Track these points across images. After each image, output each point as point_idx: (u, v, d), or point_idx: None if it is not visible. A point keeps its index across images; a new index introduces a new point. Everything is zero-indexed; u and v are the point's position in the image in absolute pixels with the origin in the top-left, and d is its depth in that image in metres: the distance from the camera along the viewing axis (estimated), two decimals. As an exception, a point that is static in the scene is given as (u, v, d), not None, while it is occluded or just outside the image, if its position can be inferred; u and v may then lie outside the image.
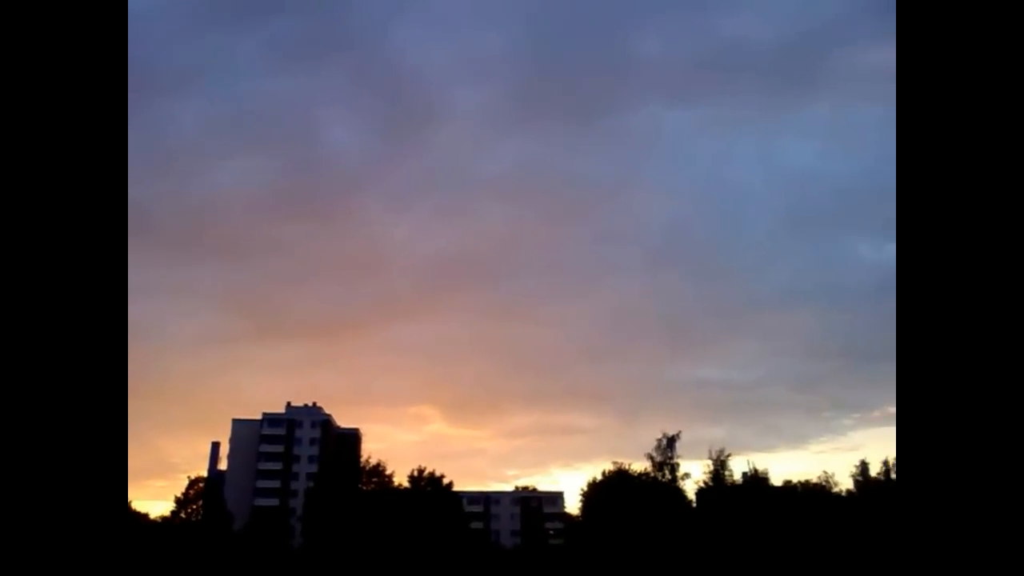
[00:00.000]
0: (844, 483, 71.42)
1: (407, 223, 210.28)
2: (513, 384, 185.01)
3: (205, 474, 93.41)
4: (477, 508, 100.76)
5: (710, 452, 70.53)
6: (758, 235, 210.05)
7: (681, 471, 69.90)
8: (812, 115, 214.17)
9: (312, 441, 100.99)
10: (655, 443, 70.10)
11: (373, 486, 79.20)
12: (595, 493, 75.22)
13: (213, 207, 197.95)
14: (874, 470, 69.76)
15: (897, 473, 65.12)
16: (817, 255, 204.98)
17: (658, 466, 70.41)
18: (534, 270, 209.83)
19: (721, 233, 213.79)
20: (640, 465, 71.43)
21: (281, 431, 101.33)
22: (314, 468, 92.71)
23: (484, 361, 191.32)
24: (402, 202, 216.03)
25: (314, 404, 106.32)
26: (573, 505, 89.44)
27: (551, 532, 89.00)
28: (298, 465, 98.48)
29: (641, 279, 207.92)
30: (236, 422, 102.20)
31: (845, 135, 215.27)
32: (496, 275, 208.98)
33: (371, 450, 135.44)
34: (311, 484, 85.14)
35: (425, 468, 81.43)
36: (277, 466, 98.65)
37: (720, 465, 70.03)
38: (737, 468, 70.99)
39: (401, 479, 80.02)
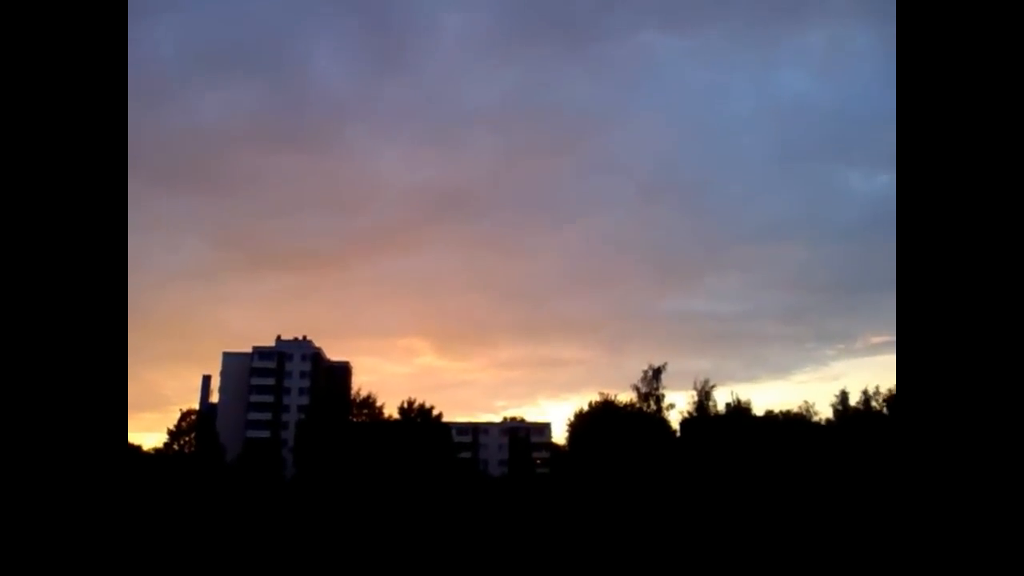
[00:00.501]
0: (824, 412, 73.31)
1: (394, 153, 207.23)
2: (502, 316, 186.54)
3: (197, 407, 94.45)
4: (466, 439, 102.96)
5: (695, 383, 72.13)
6: (750, 167, 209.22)
7: (666, 402, 71.62)
8: (807, 43, 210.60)
9: (302, 374, 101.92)
10: (641, 375, 71.60)
11: (364, 418, 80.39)
12: (581, 423, 76.82)
13: (195, 138, 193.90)
14: (853, 399, 71.49)
15: (894, 403, 66.92)
16: (808, 186, 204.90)
17: (644, 397, 71.90)
18: (523, 201, 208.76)
19: (712, 165, 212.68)
20: (626, 396, 72.97)
21: (271, 364, 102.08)
22: (305, 401, 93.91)
23: (473, 293, 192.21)
24: (389, 132, 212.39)
25: (304, 337, 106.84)
26: (560, 435, 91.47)
27: (538, 461, 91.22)
28: (289, 398, 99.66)
29: (631, 211, 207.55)
30: (227, 356, 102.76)
31: (839, 65, 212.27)
32: (485, 206, 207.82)
33: (361, 382, 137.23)
34: (302, 416, 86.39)
35: (415, 400, 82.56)
36: (268, 399, 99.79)
37: (704, 396, 71.63)
38: (721, 399, 72.74)
39: (391, 411, 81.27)
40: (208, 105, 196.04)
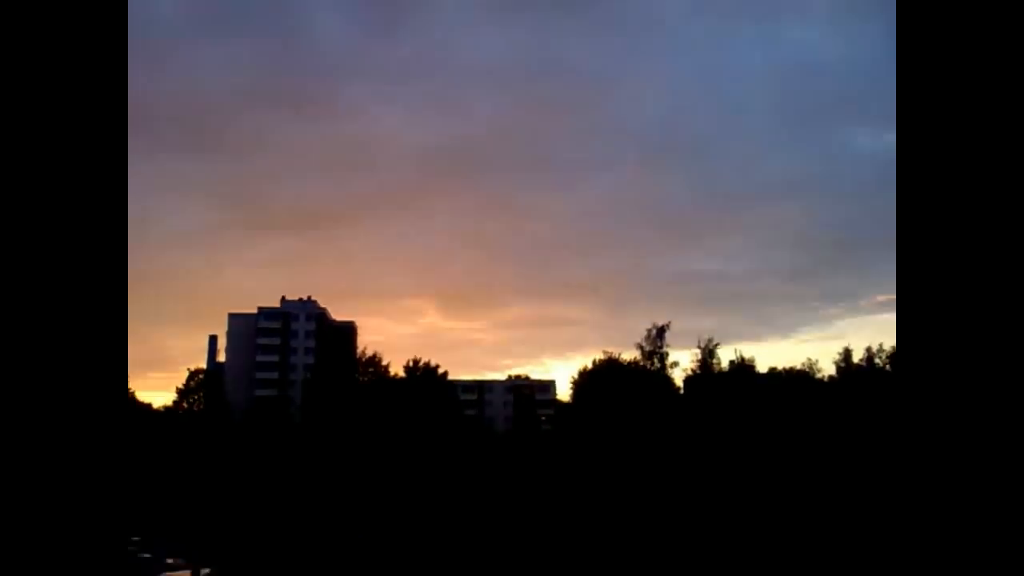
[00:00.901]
0: (827, 369, 73.66)
1: (396, 113, 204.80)
2: (506, 276, 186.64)
3: (204, 367, 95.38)
4: (471, 396, 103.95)
5: (699, 341, 72.40)
6: (755, 125, 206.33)
7: (670, 360, 71.99)
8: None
9: (307, 334, 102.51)
10: (645, 333, 71.85)
11: (369, 377, 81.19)
12: (585, 381, 77.42)
13: (197, 99, 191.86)
14: (857, 357, 71.79)
15: (894, 360, 67.23)
16: (814, 145, 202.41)
17: (647, 355, 72.22)
18: (527, 162, 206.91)
19: (717, 124, 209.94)
20: (630, 354, 73.35)
21: (277, 324, 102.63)
22: (310, 360, 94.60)
23: (477, 253, 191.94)
24: (391, 91, 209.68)
25: (309, 298, 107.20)
26: (564, 393, 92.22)
27: (543, 418, 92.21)
28: (295, 357, 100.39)
29: (635, 170, 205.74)
30: (232, 316, 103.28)
31: (847, 21, 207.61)
32: (488, 166, 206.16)
33: (367, 342, 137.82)
34: (307, 376, 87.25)
35: (420, 359, 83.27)
36: (274, 359, 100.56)
37: (708, 354, 71.99)
38: (725, 357, 73.10)
39: (397, 370, 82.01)
40: (210, 66, 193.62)
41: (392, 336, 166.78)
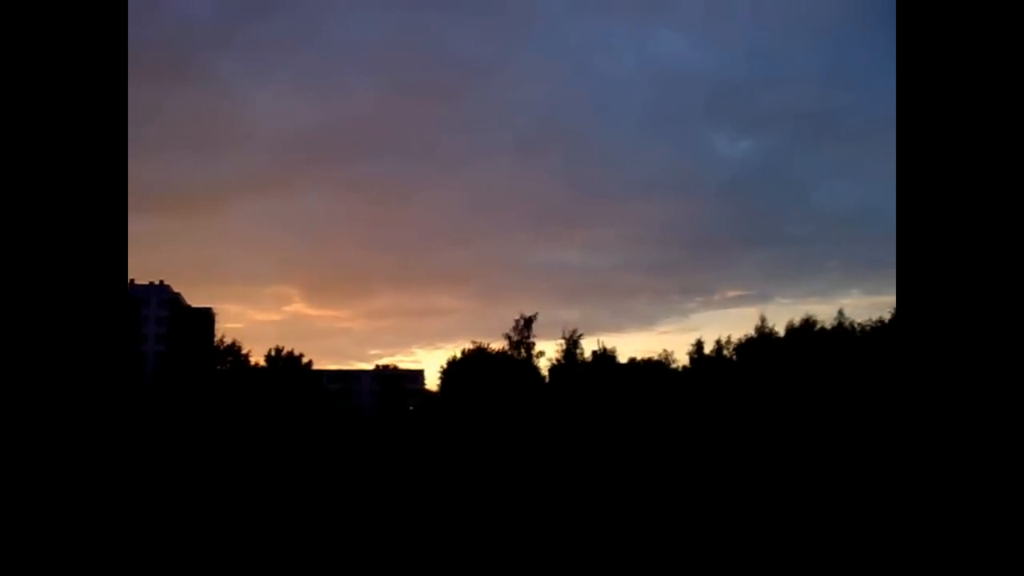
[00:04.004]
0: (682, 360, 78.13)
1: (268, 91, 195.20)
2: (377, 265, 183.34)
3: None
4: (337, 386, 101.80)
5: (563, 332, 75.00)
6: (626, 124, 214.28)
7: (536, 350, 74.28)
8: (685, 9, 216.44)
9: (159, 320, 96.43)
10: (513, 324, 73.63)
11: (228, 366, 77.85)
12: (454, 370, 77.98)
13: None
14: (708, 348, 76.61)
15: (739, 350, 72.54)
16: (679, 146, 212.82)
17: (515, 345, 74.09)
18: (401, 148, 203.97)
19: (590, 121, 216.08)
20: (499, 344, 74.78)
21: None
22: (162, 348, 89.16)
23: (348, 240, 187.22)
24: (262, 67, 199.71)
25: (161, 282, 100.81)
26: (433, 383, 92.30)
27: (411, 408, 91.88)
28: (145, 346, 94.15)
29: (509, 163, 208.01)
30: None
31: (717, 25, 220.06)
32: (362, 152, 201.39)
33: (226, 330, 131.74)
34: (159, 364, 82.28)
35: (283, 347, 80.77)
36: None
37: (572, 344, 74.68)
38: (589, 347, 75.99)
39: (259, 358, 79.08)
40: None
41: (255, 324, 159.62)
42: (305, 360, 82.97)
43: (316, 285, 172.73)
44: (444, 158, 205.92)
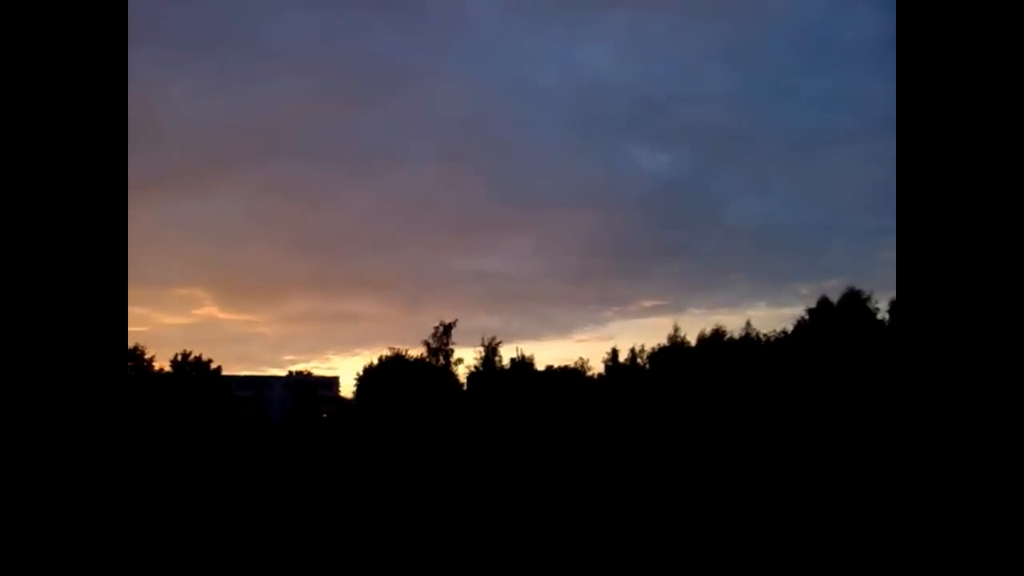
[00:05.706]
0: (598, 367, 79.55)
1: (181, 84, 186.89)
2: (293, 268, 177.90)
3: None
4: (247, 393, 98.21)
5: (482, 340, 75.29)
6: (549, 135, 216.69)
7: (455, 357, 74.27)
8: (611, 20, 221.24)
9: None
10: (432, 331, 73.37)
11: (130, 371, 74.19)
12: (370, 377, 76.86)
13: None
14: (623, 356, 78.33)
15: (654, 358, 74.43)
16: (600, 160, 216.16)
17: (433, 352, 73.87)
18: (321, 150, 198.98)
19: (515, 130, 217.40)
20: (417, 351, 74.32)
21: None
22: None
23: (263, 243, 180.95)
24: (175, 62, 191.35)
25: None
26: (349, 389, 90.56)
27: (324, 415, 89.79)
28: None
29: (433, 169, 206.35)
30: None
31: (639, 44, 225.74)
32: (281, 152, 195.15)
33: (129, 333, 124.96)
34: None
35: (191, 352, 77.63)
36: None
37: (491, 352, 75.08)
38: (507, 355, 76.45)
39: (163, 363, 75.75)
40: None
41: (160, 327, 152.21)
42: (215, 365, 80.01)
43: (229, 288, 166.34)
44: (365, 162, 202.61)
